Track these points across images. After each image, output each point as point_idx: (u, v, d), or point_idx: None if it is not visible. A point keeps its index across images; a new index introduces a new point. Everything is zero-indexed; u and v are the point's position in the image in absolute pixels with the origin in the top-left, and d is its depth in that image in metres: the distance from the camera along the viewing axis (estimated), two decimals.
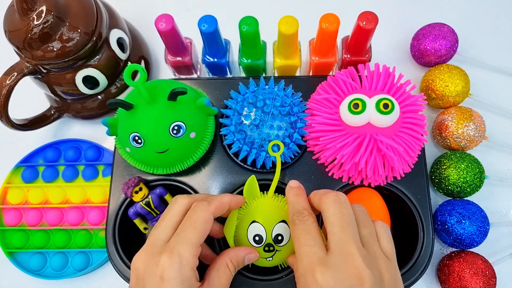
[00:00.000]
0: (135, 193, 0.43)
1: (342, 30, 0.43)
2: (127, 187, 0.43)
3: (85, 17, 0.44)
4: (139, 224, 0.45)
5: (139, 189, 0.43)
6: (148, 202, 0.44)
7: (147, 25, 0.55)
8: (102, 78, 0.48)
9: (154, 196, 0.44)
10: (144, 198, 0.44)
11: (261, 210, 0.37)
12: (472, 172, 0.44)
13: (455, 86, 0.48)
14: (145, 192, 0.44)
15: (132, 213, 0.44)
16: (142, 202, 0.44)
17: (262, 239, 0.36)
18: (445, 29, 0.50)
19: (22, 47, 0.43)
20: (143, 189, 0.44)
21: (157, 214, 0.45)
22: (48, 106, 0.53)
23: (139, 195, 0.44)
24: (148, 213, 0.44)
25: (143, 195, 0.44)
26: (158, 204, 0.44)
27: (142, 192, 0.44)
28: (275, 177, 0.39)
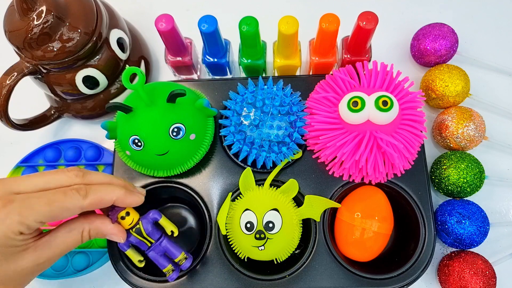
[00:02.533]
0: (121, 219, 0.37)
1: (342, 30, 0.43)
2: (110, 210, 0.37)
3: (85, 17, 0.44)
4: (132, 256, 0.39)
5: (125, 213, 0.37)
6: (139, 230, 0.37)
7: (147, 25, 0.55)
8: (102, 78, 0.48)
9: (146, 221, 0.38)
10: (133, 225, 0.37)
11: (255, 200, 0.39)
12: (472, 172, 0.44)
13: (455, 86, 0.48)
14: (134, 217, 0.37)
15: (122, 244, 0.38)
16: (132, 230, 0.37)
17: (253, 226, 0.37)
18: (445, 29, 0.50)
19: (22, 47, 0.43)
20: (131, 214, 0.37)
21: (151, 244, 0.38)
22: (48, 106, 0.53)
23: (127, 221, 0.37)
24: (140, 242, 0.38)
25: (131, 220, 0.37)
26: (151, 231, 0.38)
27: (130, 217, 0.37)
28: (273, 171, 0.40)
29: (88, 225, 0.33)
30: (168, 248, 0.39)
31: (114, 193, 0.33)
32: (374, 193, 0.43)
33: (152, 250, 0.38)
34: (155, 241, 0.38)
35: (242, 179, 0.42)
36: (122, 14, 0.52)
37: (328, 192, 0.43)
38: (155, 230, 0.39)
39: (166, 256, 0.39)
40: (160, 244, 0.39)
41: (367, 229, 0.41)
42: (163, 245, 0.39)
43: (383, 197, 0.43)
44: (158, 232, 0.39)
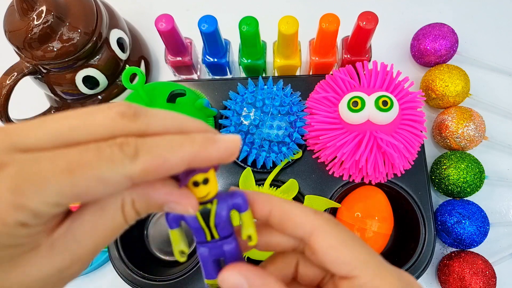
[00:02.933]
0: (194, 185, 0.22)
1: (342, 30, 0.43)
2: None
3: (85, 17, 0.44)
4: (175, 240, 0.24)
5: (203, 180, 0.22)
6: (207, 213, 0.24)
7: (147, 25, 0.55)
8: (102, 78, 0.48)
9: (223, 205, 0.24)
10: (205, 200, 0.23)
11: None
12: (472, 172, 0.44)
13: (455, 86, 0.47)
14: (211, 190, 0.23)
15: (172, 218, 0.24)
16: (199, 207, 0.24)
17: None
18: (445, 29, 0.50)
19: (22, 47, 0.43)
20: (210, 183, 0.23)
21: (212, 239, 0.24)
22: (47, 106, 0.53)
23: (201, 190, 0.23)
24: (198, 230, 0.24)
25: (205, 193, 0.23)
26: (222, 222, 0.24)
27: (206, 188, 0.23)
28: (273, 171, 0.39)
29: (130, 193, 0.19)
30: (233, 256, 0.25)
31: (186, 150, 0.18)
32: (374, 193, 0.43)
33: (208, 248, 0.25)
34: (219, 237, 0.24)
35: (242, 179, 0.42)
36: (122, 14, 0.52)
37: (328, 192, 0.43)
38: (228, 224, 0.24)
39: (220, 265, 0.25)
40: (223, 246, 0.25)
41: (367, 229, 0.41)
42: (227, 250, 0.25)
43: (383, 197, 0.43)
44: (229, 227, 0.25)
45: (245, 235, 0.25)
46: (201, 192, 0.23)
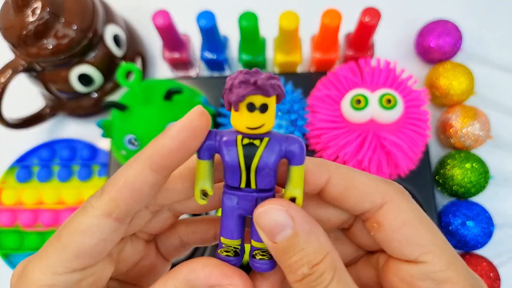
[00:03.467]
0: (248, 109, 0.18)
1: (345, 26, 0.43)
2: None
3: (80, 13, 0.44)
4: (200, 174, 0.19)
5: (262, 106, 0.18)
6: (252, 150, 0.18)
7: (143, 21, 0.54)
8: (97, 75, 0.47)
9: (274, 148, 0.18)
10: (254, 134, 0.18)
11: None
12: (476, 172, 0.44)
13: (459, 84, 0.47)
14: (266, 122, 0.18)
15: (206, 147, 0.19)
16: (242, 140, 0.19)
17: None
18: (449, 26, 0.49)
19: (17, 44, 0.43)
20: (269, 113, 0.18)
21: (246, 188, 0.19)
22: (42, 104, 0.52)
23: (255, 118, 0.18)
24: (233, 169, 0.19)
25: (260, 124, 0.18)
26: (265, 169, 0.18)
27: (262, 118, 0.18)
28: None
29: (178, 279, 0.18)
30: None
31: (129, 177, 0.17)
32: None
33: (238, 198, 0.19)
34: (256, 188, 0.19)
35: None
36: (118, 9, 0.52)
37: None
38: (272, 173, 0.19)
39: (244, 224, 0.20)
40: (256, 201, 0.19)
41: None
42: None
43: None
44: (272, 179, 0.19)
45: (288, 194, 0.19)
46: (254, 121, 0.18)
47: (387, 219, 0.18)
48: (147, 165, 0.17)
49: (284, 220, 0.17)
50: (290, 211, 0.17)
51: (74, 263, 0.17)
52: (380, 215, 0.18)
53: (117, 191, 0.17)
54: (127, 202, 0.17)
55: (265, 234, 0.17)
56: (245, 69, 0.18)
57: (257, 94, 0.18)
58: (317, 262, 0.17)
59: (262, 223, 0.17)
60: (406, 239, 0.18)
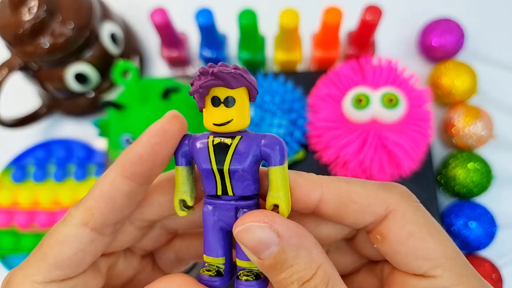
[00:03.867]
0: (212, 103, 0.17)
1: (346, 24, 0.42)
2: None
3: (77, 11, 0.43)
4: (178, 182, 0.18)
5: (226, 99, 0.17)
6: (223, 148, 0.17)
7: (141, 19, 0.53)
8: (94, 74, 0.46)
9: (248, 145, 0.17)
10: (223, 131, 0.17)
11: None
12: (479, 172, 0.43)
13: (462, 83, 0.46)
14: (234, 117, 0.17)
15: (182, 152, 0.18)
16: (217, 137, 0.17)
17: None
18: (452, 24, 0.49)
19: (13, 42, 0.42)
20: (236, 107, 0.17)
21: (223, 195, 0.17)
22: (38, 103, 0.52)
23: (219, 113, 0.17)
24: (207, 173, 0.17)
25: (226, 119, 0.17)
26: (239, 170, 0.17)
27: (228, 113, 0.17)
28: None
29: None
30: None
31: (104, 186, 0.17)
32: None
33: (214, 208, 0.17)
34: (234, 195, 0.17)
35: None
36: (115, 7, 0.51)
37: None
38: (250, 175, 0.17)
39: (228, 238, 0.18)
40: (236, 212, 0.17)
41: None
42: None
43: None
44: (251, 183, 0.17)
45: (270, 201, 0.16)
46: (219, 116, 0.16)
47: (392, 231, 0.16)
48: (119, 173, 0.17)
49: (269, 237, 0.15)
50: (274, 226, 0.15)
51: (53, 273, 0.17)
52: (384, 227, 0.17)
53: (92, 200, 0.17)
54: (102, 212, 0.17)
55: (249, 251, 0.16)
56: (210, 63, 0.17)
57: (217, 86, 0.16)
58: (307, 279, 0.15)
59: (244, 241, 0.16)
60: (413, 252, 0.16)
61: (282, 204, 0.16)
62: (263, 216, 0.16)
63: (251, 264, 0.17)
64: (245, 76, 0.16)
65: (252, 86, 0.17)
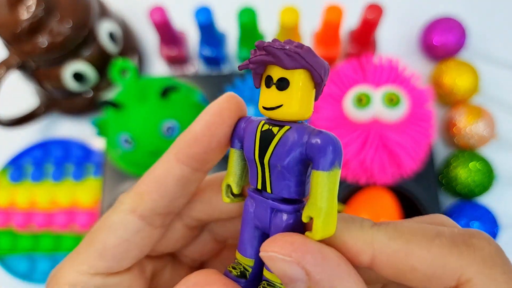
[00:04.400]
0: (266, 84, 0.15)
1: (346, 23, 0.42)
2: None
3: (75, 9, 0.43)
4: (231, 166, 0.17)
5: (280, 80, 0.14)
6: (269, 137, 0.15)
7: (139, 17, 0.53)
8: (92, 73, 0.46)
9: (294, 137, 0.14)
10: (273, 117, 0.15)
11: None
12: (480, 172, 0.43)
13: (464, 82, 0.46)
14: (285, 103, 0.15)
15: (237, 131, 0.16)
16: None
17: None
18: (454, 23, 0.48)
19: (11, 41, 0.42)
20: (290, 90, 0.14)
21: (263, 190, 0.15)
22: (35, 102, 0.52)
23: (271, 95, 0.15)
24: (250, 162, 0.16)
25: (276, 103, 0.15)
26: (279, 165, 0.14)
27: (280, 97, 0.15)
28: None
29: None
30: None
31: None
32: (381, 195, 0.41)
33: (254, 202, 0.16)
34: (272, 193, 0.15)
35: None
36: (113, 6, 0.51)
37: None
38: (293, 174, 0.15)
39: (260, 241, 0.16)
40: (272, 214, 0.15)
41: None
42: (275, 223, 0.15)
43: (390, 199, 0.42)
44: (295, 185, 0.15)
45: (306, 213, 0.14)
46: (269, 99, 0.15)
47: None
48: (173, 156, 0.16)
49: (295, 273, 0.13)
50: (303, 263, 0.13)
51: (98, 263, 0.16)
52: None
53: (143, 184, 0.16)
54: (152, 197, 0.16)
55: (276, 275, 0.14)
56: (275, 38, 0.15)
57: (269, 63, 0.14)
58: None
59: (270, 266, 0.14)
60: None
61: (318, 222, 0.13)
62: (290, 249, 0.13)
63: (275, 278, 0.15)
64: (304, 56, 0.14)
65: (314, 70, 0.14)
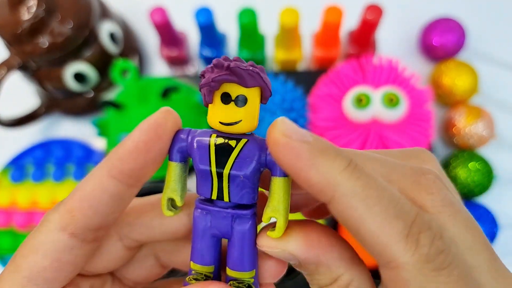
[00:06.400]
0: (222, 100, 0.15)
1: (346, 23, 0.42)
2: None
3: (76, 10, 0.43)
4: (170, 179, 0.17)
5: (239, 97, 0.15)
6: (226, 149, 0.15)
7: (140, 18, 0.53)
8: (93, 73, 0.46)
9: (253, 149, 0.15)
10: (229, 131, 0.16)
11: None
12: (480, 172, 0.43)
13: (463, 82, 0.46)
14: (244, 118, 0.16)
15: (177, 147, 0.16)
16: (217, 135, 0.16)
17: None
18: (453, 23, 0.49)
19: (12, 41, 0.42)
20: (248, 107, 0.16)
21: (218, 200, 0.16)
22: (37, 103, 0.52)
23: (230, 111, 0.16)
24: (203, 174, 0.16)
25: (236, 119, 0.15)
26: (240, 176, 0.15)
27: (239, 112, 0.15)
28: None
29: None
30: (242, 244, 0.16)
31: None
32: None
33: (207, 213, 0.16)
34: (230, 202, 0.16)
35: None
36: (114, 6, 0.51)
37: None
38: (251, 183, 0.16)
39: (217, 249, 0.17)
40: (232, 221, 0.16)
41: None
42: (236, 229, 0.16)
43: None
44: (251, 192, 0.16)
45: (268, 214, 0.15)
46: (228, 115, 0.15)
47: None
48: (105, 171, 0.15)
49: (285, 258, 0.16)
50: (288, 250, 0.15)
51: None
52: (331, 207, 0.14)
53: (74, 200, 0.15)
54: (84, 213, 0.15)
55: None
56: (224, 56, 0.16)
57: (231, 82, 0.15)
58: (326, 284, 0.16)
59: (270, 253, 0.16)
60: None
61: (280, 220, 0.15)
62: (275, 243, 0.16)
63: (242, 275, 0.16)
64: (262, 75, 0.15)
65: (267, 87, 0.16)
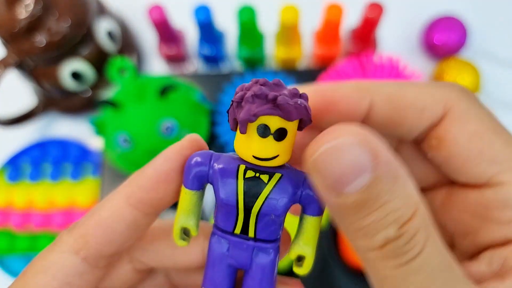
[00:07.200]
0: (259, 132, 0.14)
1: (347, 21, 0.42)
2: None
3: (73, 8, 0.43)
4: (184, 207, 0.15)
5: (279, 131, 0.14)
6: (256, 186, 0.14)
7: (138, 16, 0.53)
8: (90, 72, 0.46)
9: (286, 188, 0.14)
10: (262, 166, 0.15)
11: None
12: None
13: (465, 81, 0.46)
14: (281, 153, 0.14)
15: (196, 172, 0.15)
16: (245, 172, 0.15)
17: None
18: (455, 22, 0.48)
19: (9, 40, 0.42)
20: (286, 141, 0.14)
21: (242, 234, 0.15)
22: (34, 101, 0.51)
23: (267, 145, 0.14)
24: (228, 209, 0.15)
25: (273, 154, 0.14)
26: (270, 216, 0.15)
27: (276, 147, 0.14)
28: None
29: None
30: (262, 277, 0.15)
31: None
32: None
33: (229, 244, 0.15)
34: (255, 237, 0.15)
35: None
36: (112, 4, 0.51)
37: None
38: (279, 221, 0.15)
39: (233, 279, 0.16)
40: (254, 254, 0.15)
41: None
42: (258, 263, 0.15)
43: None
44: (277, 228, 0.15)
45: (296, 251, 0.15)
46: (265, 150, 0.14)
47: (450, 132, 0.13)
48: (123, 199, 0.14)
49: (362, 160, 0.11)
50: (372, 145, 0.11)
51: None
52: (442, 128, 0.14)
53: (89, 226, 0.15)
54: (98, 241, 0.14)
55: (328, 185, 0.11)
56: (263, 79, 0.14)
57: (275, 115, 0.13)
58: (407, 219, 0.11)
59: (327, 168, 0.11)
60: (476, 154, 0.13)
61: (309, 260, 0.15)
62: (353, 129, 0.11)
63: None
64: (308, 108, 0.14)
65: (309, 118, 0.14)
